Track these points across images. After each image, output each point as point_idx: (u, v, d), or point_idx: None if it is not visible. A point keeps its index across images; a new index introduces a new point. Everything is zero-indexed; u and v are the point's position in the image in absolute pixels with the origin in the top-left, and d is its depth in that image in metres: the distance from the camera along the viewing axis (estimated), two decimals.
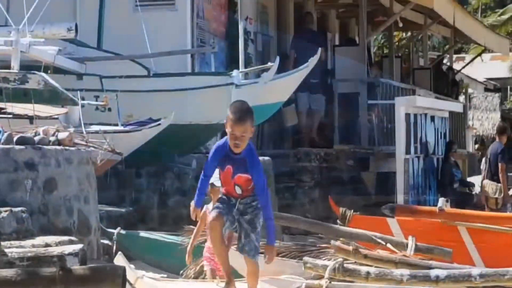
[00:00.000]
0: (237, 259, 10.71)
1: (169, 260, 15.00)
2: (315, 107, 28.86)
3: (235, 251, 11.09)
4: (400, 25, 37.58)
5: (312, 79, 26.85)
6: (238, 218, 9.85)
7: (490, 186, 28.26)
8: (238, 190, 9.62)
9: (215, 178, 11.63)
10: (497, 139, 30.11)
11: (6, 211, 12.77)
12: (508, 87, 64.43)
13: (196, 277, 14.08)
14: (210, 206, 11.81)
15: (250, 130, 9.39)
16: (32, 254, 11.31)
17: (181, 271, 14.66)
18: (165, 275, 14.66)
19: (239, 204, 9.80)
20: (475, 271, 11.61)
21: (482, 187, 28.20)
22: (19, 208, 12.90)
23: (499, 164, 28.28)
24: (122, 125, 17.36)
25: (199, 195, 9.75)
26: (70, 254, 11.33)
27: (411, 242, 15.24)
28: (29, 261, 11.08)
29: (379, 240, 15.64)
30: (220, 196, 10.03)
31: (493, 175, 28.24)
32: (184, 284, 13.06)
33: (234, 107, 9.53)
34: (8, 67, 17.92)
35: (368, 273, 11.03)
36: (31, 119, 15.60)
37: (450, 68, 41.51)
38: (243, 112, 9.61)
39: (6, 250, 11.10)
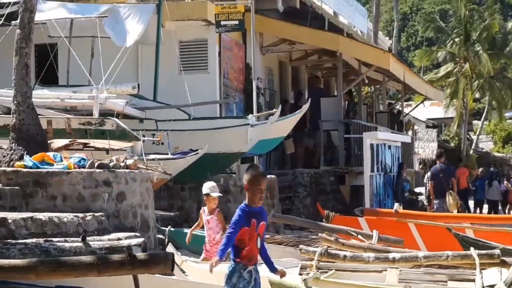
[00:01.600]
0: None
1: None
2: (307, 140, 28.35)
3: None
4: (366, 81, 38.80)
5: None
6: None
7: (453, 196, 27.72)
8: (259, 243, 8.26)
9: (210, 189, 12.24)
10: (437, 162, 29.51)
11: (90, 215, 12.47)
12: (442, 124, 64.46)
13: None
14: (206, 209, 12.32)
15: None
16: (108, 245, 11.23)
17: None
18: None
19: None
20: (420, 253, 12.38)
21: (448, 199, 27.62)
22: (99, 213, 12.76)
23: (452, 179, 28.48)
24: (171, 154, 17.36)
25: (224, 250, 8.13)
26: (135, 245, 11.50)
27: (375, 234, 15.91)
28: (106, 250, 10.88)
29: (353, 233, 16.28)
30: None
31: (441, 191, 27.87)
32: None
33: (255, 168, 8.62)
34: (91, 115, 17.91)
35: (345, 256, 11.75)
36: (107, 151, 15.55)
37: (399, 111, 41.66)
38: (261, 170, 8.79)
39: (90, 243, 11.03)
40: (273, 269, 8.30)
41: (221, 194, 12.20)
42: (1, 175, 12.51)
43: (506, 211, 36.48)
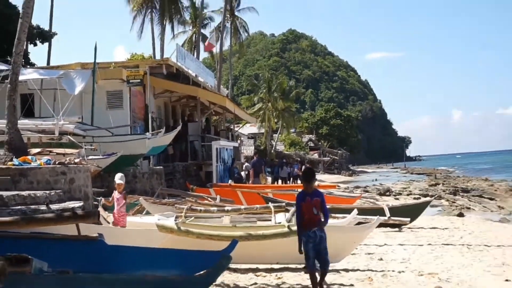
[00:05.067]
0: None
1: None
2: (180, 146, 28.50)
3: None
4: (213, 113, 38.80)
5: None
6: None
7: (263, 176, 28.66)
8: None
9: (118, 178, 11.06)
10: (255, 157, 31.87)
11: (53, 192, 11.64)
12: (256, 136, 65.37)
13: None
14: (116, 191, 11.02)
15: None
16: (62, 208, 10.29)
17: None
18: None
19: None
20: (242, 207, 12.67)
21: (260, 178, 29.07)
22: (59, 191, 11.87)
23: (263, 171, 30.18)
24: (102, 155, 16.78)
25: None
26: (78, 207, 10.67)
27: (218, 198, 15.61)
28: (61, 211, 9.50)
29: (206, 197, 16.04)
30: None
31: (257, 174, 28.93)
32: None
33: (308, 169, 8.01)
34: (53, 133, 17.25)
35: (200, 209, 11.46)
36: (63, 154, 14.47)
37: (231, 129, 41.58)
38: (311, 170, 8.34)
39: (52, 207, 10.10)
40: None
41: (122, 182, 11.13)
42: (0, 170, 11.88)
43: (290, 183, 36.88)
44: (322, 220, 7.25)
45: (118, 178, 11.15)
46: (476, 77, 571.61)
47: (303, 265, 8.09)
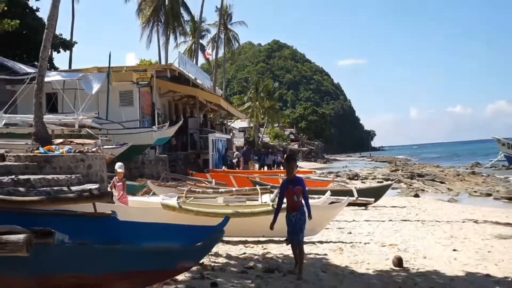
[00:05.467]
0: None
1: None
2: (182, 137, 28.45)
3: None
4: (209, 110, 37.87)
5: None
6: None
7: (251, 163, 29.19)
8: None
9: (118, 167, 11.05)
10: (245, 147, 31.94)
11: (73, 176, 11.53)
12: (246, 130, 65.01)
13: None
14: (116, 178, 10.93)
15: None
16: (80, 189, 9.95)
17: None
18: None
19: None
20: (234, 189, 12.08)
21: (249, 165, 28.86)
22: (79, 175, 11.75)
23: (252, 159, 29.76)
24: (115, 145, 16.34)
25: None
26: (94, 189, 10.36)
27: (214, 181, 15.76)
28: (80, 191, 9.14)
29: (204, 181, 15.76)
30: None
31: (247, 161, 28.72)
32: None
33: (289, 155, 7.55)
34: (74, 127, 17.07)
35: (199, 191, 11.23)
36: (82, 144, 14.38)
37: (225, 124, 41.37)
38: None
39: (72, 189, 10.00)
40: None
41: (122, 171, 11.13)
42: (28, 158, 11.84)
43: (274, 169, 36.84)
44: (303, 205, 7.13)
45: (118, 166, 10.98)
46: (430, 80, 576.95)
47: (284, 238, 8.01)
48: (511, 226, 12.08)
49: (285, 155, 37.86)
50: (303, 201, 7.16)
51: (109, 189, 10.67)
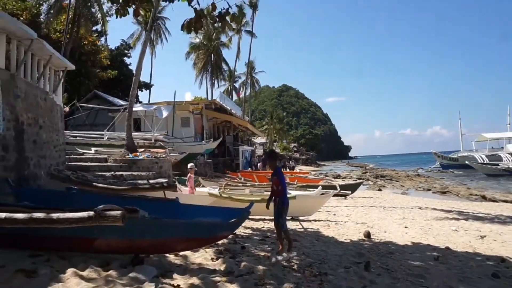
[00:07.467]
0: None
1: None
2: (222, 149, 27.85)
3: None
4: (240, 131, 36.26)
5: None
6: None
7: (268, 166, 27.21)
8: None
9: (190, 166, 10.18)
10: (263, 156, 29.87)
11: (151, 173, 11.23)
12: (264, 144, 59.34)
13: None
14: (190, 173, 9.86)
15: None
16: (155, 182, 9.33)
17: None
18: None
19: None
20: (257, 183, 11.56)
21: (266, 168, 26.48)
22: (153, 172, 11.40)
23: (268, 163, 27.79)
24: (178, 153, 16.05)
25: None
26: (165, 181, 9.90)
27: (243, 179, 15.27)
28: (155, 184, 8.90)
29: (236, 178, 15.66)
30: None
31: (264, 165, 26.94)
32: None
33: (271, 151, 6.02)
34: (151, 140, 17.03)
35: (233, 185, 11.42)
36: (157, 153, 13.84)
37: (251, 140, 40.99)
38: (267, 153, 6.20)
39: (150, 181, 9.33)
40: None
41: (195, 168, 10.63)
42: (121, 161, 11.91)
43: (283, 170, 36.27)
44: (285, 195, 5.72)
45: (190, 166, 10.61)
46: (389, 110, 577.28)
47: (290, 217, 7.81)
48: (444, 211, 11.82)
49: (290, 161, 38.18)
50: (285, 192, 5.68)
51: (187, 182, 10.08)
